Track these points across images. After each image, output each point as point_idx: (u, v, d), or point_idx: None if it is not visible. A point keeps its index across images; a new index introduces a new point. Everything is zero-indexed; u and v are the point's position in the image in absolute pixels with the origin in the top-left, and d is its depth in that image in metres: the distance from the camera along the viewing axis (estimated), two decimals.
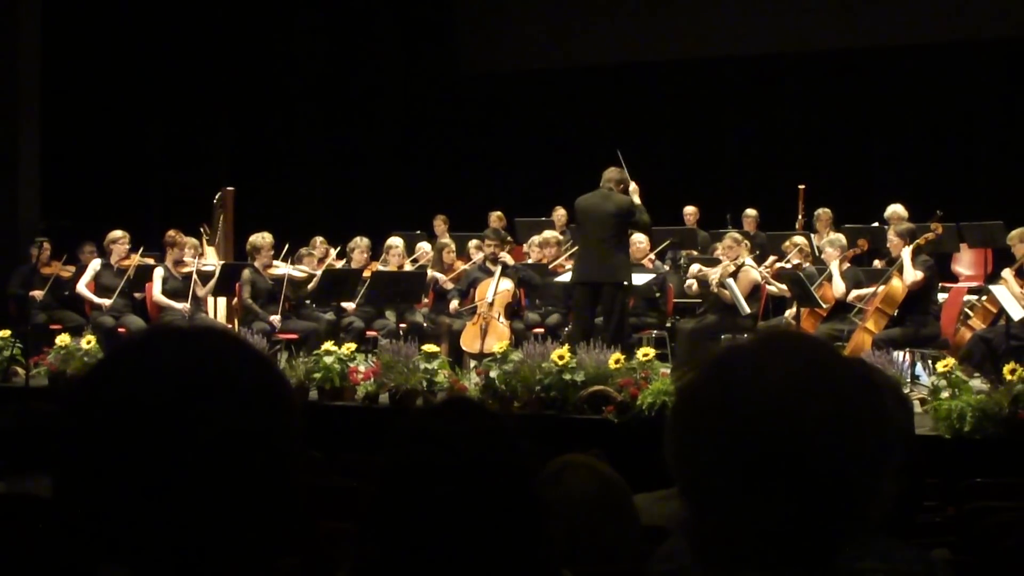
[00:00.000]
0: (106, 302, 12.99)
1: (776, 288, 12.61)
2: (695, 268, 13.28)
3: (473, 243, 14.13)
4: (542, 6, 20.07)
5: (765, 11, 18.71)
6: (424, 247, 14.97)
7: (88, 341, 11.93)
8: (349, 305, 12.99)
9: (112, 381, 1.51)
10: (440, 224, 16.76)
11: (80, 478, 1.48)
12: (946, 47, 17.81)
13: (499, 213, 16.45)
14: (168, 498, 1.45)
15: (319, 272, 13.31)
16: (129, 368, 1.52)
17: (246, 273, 12.89)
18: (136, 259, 13.41)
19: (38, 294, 13.55)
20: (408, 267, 14.20)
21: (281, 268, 13.20)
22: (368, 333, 13.07)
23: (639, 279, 12.45)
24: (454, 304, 13.28)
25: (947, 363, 9.47)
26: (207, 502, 1.46)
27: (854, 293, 11.84)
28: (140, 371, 1.50)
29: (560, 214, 16.23)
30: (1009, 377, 9.04)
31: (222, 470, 1.46)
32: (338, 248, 14.70)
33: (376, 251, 14.33)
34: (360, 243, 14.03)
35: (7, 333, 12.48)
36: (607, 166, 11.83)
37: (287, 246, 13.84)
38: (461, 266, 14.01)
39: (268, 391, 1.54)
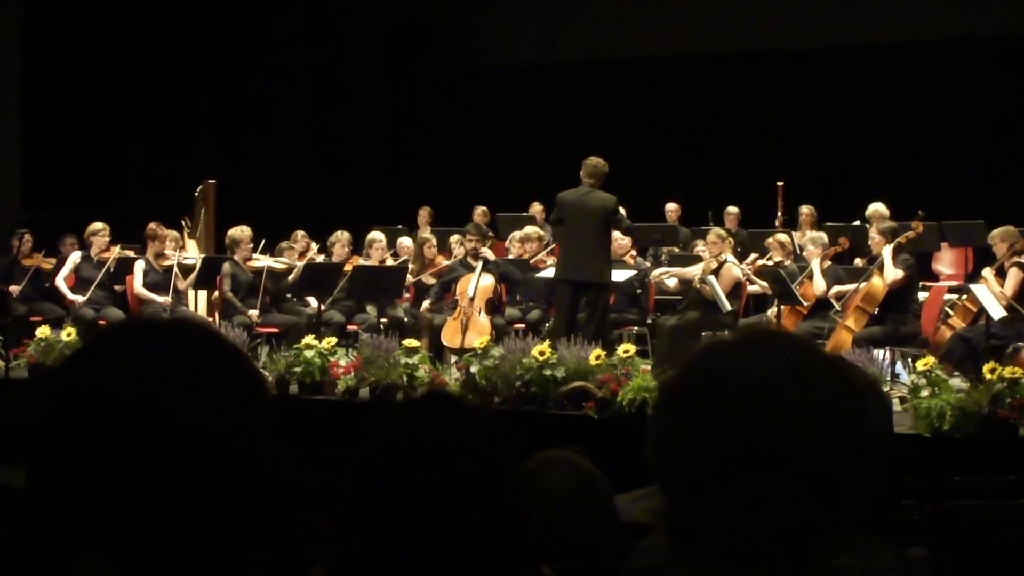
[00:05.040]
0: (80, 299, 12.96)
1: (757, 285, 12.65)
2: (657, 272, 13.39)
3: (454, 238, 14.13)
4: (525, 3, 20.07)
5: (747, 9, 18.74)
6: (405, 242, 14.96)
7: (68, 333, 11.90)
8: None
9: (85, 373, 1.50)
10: (424, 216, 16.75)
11: (52, 470, 1.47)
12: (928, 46, 17.86)
13: (483, 208, 16.46)
14: (141, 491, 1.44)
15: (300, 264, 13.29)
16: (102, 360, 1.51)
17: (226, 266, 12.86)
18: (116, 251, 13.39)
19: (15, 289, 13.49)
20: (390, 261, 14.19)
21: (261, 261, 13.18)
22: (349, 327, 13.06)
23: (620, 275, 12.45)
24: (426, 304, 13.30)
25: (927, 362, 9.49)
26: (181, 495, 1.45)
27: (835, 289, 11.86)
28: (113, 363, 1.50)
29: (537, 209, 16.22)
30: (988, 376, 9.05)
31: (195, 463, 1.46)
32: (319, 245, 14.68)
33: (357, 245, 14.31)
34: (341, 237, 14.00)
35: None
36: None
37: (263, 241, 13.80)
38: (442, 261, 14.00)
39: (241, 384, 1.54)
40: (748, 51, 18.99)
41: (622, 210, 11.96)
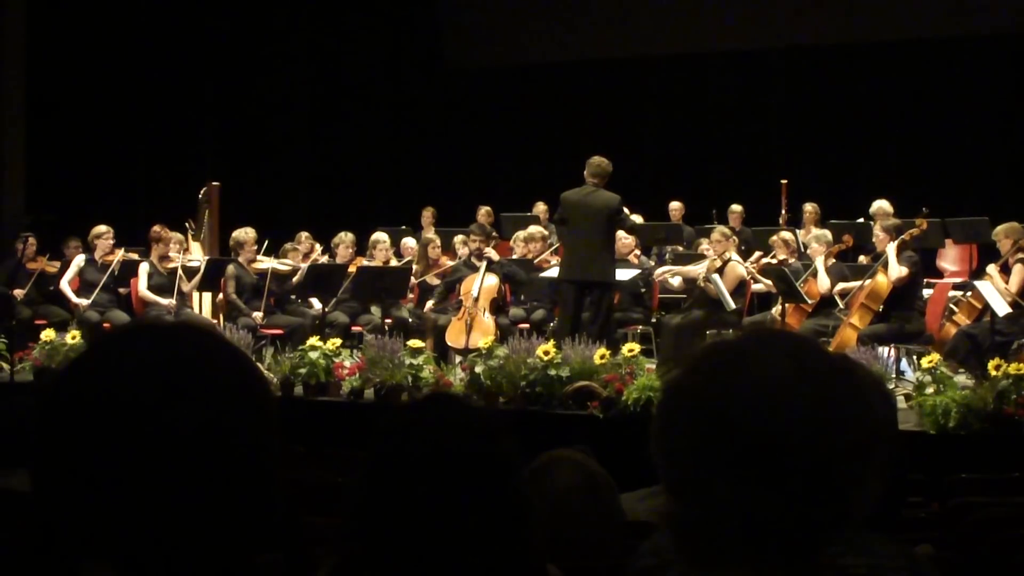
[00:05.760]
0: (84, 301, 12.96)
1: (762, 284, 12.64)
2: (661, 271, 13.42)
3: (458, 238, 14.11)
4: (528, 2, 20.06)
5: (750, 6, 18.72)
6: (409, 243, 14.95)
7: (73, 336, 11.90)
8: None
9: (90, 376, 1.50)
10: (427, 216, 16.74)
11: (57, 472, 1.47)
12: (932, 43, 17.84)
13: (487, 208, 16.44)
14: (146, 494, 1.44)
15: (304, 266, 13.31)
16: (107, 363, 1.51)
17: (230, 268, 12.87)
18: (120, 254, 13.40)
19: (20, 293, 13.50)
20: (394, 262, 14.19)
21: (265, 262, 13.19)
22: (353, 328, 13.07)
23: (625, 274, 12.45)
24: (429, 304, 13.31)
25: (932, 359, 9.48)
26: (186, 497, 1.45)
27: (839, 287, 11.86)
28: (117, 366, 1.50)
29: (541, 209, 16.22)
30: (994, 373, 9.05)
31: (200, 466, 1.46)
32: (323, 246, 14.69)
33: (361, 246, 14.31)
34: (345, 238, 14.02)
35: None
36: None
37: (266, 241, 13.80)
38: (446, 262, 14.00)
39: (245, 387, 1.54)
40: (751, 49, 18.99)
41: (626, 209, 11.96)
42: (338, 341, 11.33)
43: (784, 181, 15.96)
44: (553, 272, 12.52)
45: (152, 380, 1.47)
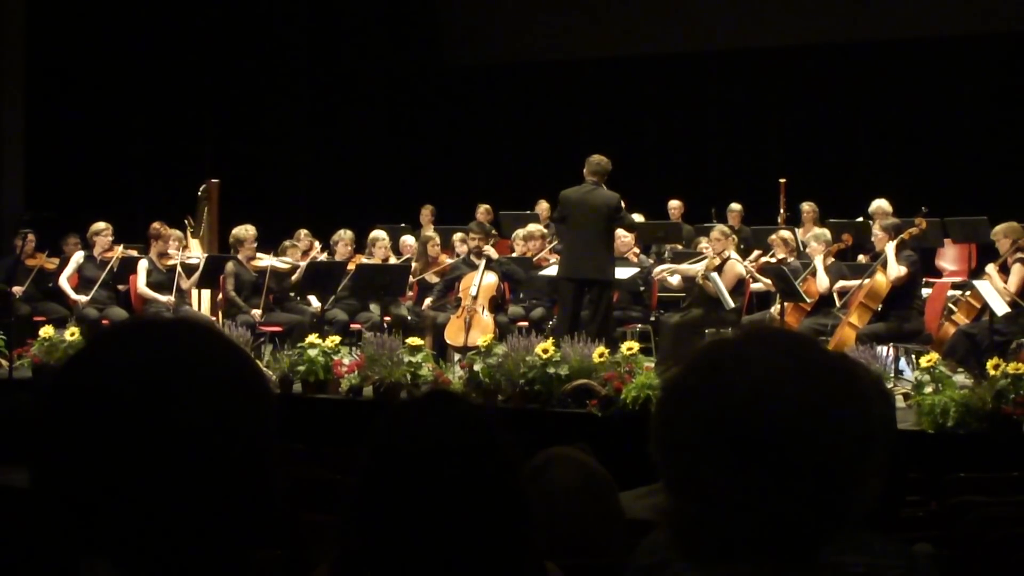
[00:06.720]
0: (83, 298, 12.95)
1: (761, 282, 12.64)
2: (660, 269, 13.42)
3: (457, 236, 14.11)
4: (527, 0, 20.06)
5: (749, 5, 18.73)
6: (408, 240, 14.95)
7: (72, 333, 11.89)
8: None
9: (88, 372, 1.50)
10: (426, 214, 16.74)
11: (56, 469, 1.47)
12: (931, 42, 17.85)
13: (486, 207, 16.44)
14: (145, 490, 1.44)
15: (303, 264, 13.30)
16: (105, 359, 1.51)
17: (229, 266, 12.86)
18: (119, 251, 13.39)
19: (18, 290, 13.49)
20: (393, 260, 14.19)
21: (265, 260, 13.18)
22: (352, 326, 13.05)
23: (624, 273, 12.44)
24: (428, 302, 13.30)
25: (931, 358, 9.48)
26: (185, 494, 1.45)
27: (838, 286, 11.86)
28: (116, 362, 1.50)
29: (543, 207, 16.21)
30: (992, 372, 9.05)
31: (199, 462, 1.46)
32: (322, 243, 14.68)
33: (360, 244, 14.31)
34: (344, 236, 14.01)
35: None
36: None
37: (260, 236, 13.79)
38: (445, 259, 14.00)
39: (244, 383, 1.54)
40: (751, 48, 18.99)
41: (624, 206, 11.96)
42: (337, 339, 11.31)
43: (783, 180, 15.97)
44: (552, 270, 12.51)
45: (151, 377, 1.47)
